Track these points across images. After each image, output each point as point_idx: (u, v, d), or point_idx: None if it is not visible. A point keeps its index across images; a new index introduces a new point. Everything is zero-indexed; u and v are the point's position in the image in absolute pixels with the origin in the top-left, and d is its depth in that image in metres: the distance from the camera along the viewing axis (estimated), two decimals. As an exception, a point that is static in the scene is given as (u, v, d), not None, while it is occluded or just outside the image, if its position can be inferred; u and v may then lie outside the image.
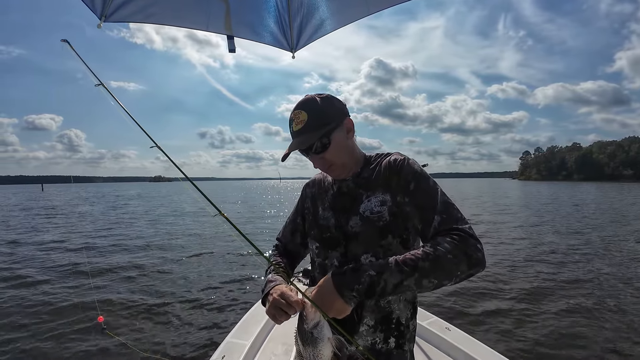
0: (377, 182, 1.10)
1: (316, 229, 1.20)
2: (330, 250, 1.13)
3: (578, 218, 15.17)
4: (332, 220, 1.15)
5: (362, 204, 1.09)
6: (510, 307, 4.82)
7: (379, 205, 1.06)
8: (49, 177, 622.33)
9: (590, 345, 3.77)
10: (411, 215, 1.03)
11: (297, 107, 1.10)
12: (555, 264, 7.24)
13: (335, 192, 1.18)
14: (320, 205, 1.22)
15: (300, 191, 1.36)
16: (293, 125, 1.09)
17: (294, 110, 1.10)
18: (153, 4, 1.86)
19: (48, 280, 6.29)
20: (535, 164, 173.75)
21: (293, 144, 1.09)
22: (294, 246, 1.32)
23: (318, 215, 1.21)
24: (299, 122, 1.07)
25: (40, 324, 4.39)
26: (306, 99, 1.11)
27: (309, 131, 1.06)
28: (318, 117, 1.07)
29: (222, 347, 2.01)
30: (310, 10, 2.04)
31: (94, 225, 14.31)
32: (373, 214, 1.05)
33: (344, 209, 1.13)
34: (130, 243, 10.23)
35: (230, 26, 2.07)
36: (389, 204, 1.05)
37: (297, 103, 1.11)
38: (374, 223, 1.05)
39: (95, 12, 1.73)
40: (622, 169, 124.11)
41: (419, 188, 1.02)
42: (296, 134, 1.08)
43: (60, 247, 9.66)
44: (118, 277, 6.56)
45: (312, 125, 1.06)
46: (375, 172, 1.12)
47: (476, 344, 2.08)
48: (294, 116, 1.09)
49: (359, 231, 1.07)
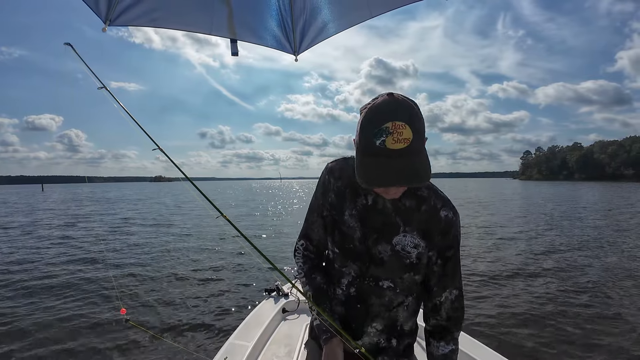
0: (418, 224, 1.04)
1: (338, 233, 1.11)
2: (350, 261, 1.10)
3: (582, 219, 15.16)
4: (358, 234, 1.07)
5: (397, 236, 1.04)
6: (511, 307, 4.82)
7: (411, 247, 1.04)
8: (50, 177, 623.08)
9: (592, 346, 3.76)
10: (434, 270, 1.07)
11: (400, 117, 0.81)
12: (558, 265, 7.23)
13: (369, 206, 1.06)
14: (347, 208, 1.09)
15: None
16: (389, 140, 0.80)
17: (394, 120, 0.81)
18: (157, 8, 1.88)
19: (67, 276, 6.32)
20: (536, 164, 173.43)
21: (401, 174, 0.82)
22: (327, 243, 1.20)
23: (343, 219, 1.09)
24: (402, 139, 0.80)
25: (64, 319, 4.51)
26: (407, 107, 0.83)
27: (414, 156, 0.83)
28: (421, 139, 0.85)
29: (225, 349, 2.01)
30: (313, 13, 2.05)
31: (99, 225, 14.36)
32: (404, 251, 1.04)
33: (375, 230, 1.05)
34: (131, 243, 10.26)
35: (234, 29, 2.08)
36: (421, 249, 1.04)
37: (395, 108, 0.82)
38: (401, 259, 1.04)
39: (100, 16, 1.75)
40: (624, 168, 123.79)
41: (454, 257, 1.06)
42: (396, 154, 0.81)
43: (76, 245, 9.69)
44: (118, 277, 6.59)
45: (416, 149, 0.83)
46: (421, 210, 1.04)
47: (476, 344, 2.08)
48: (394, 128, 0.80)
49: (386, 260, 1.05)
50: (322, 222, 1.16)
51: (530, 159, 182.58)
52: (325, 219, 1.15)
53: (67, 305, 5.04)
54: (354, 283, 1.10)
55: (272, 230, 12.95)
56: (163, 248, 9.47)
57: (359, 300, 1.11)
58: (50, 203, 30.43)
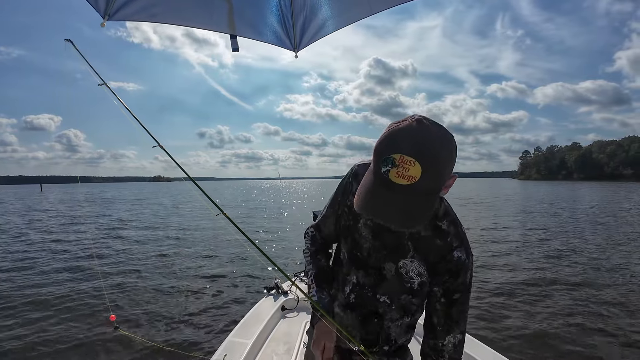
0: (427, 255, 1.00)
1: (350, 238, 1.11)
2: (355, 268, 1.11)
3: (582, 217, 15.18)
4: (367, 245, 1.07)
5: (404, 259, 1.02)
6: (511, 307, 4.83)
7: (415, 274, 1.02)
8: (49, 177, 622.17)
9: (594, 346, 3.76)
10: (436, 308, 1.02)
11: (410, 151, 0.72)
12: (558, 263, 7.25)
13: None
14: (363, 217, 1.07)
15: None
16: (393, 172, 0.74)
17: (403, 153, 0.73)
18: (156, 3, 1.86)
19: (58, 279, 6.30)
20: (535, 164, 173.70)
21: (391, 214, 0.77)
22: (337, 238, 1.22)
23: (357, 226, 1.08)
24: (406, 176, 0.73)
25: (53, 322, 4.43)
26: (426, 142, 0.74)
27: (414, 197, 0.76)
28: (433, 182, 0.76)
29: (224, 346, 2.01)
30: (313, 9, 2.04)
31: (96, 226, 14.33)
32: (407, 276, 1.03)
33: (384, 246, 1.04)
34: (132, 242, 10.24)
35: (234, 25, 2.07)
36: (424, 279, 1.02)
37: (409, 140, 0.74)
38: (403, 283, 1.04)
39: (98, 11, 1.73)
40: (622, 168, 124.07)
41: (460, 301, 0.99)
42: (395, 188, 0.75)
43: (68, 247, 9.66)
44: (119, 274, 6.57)
45: (421, 188, 0.75)
46: (433, 243, 0.99)
47: (476, 344, 2.08)
48: (400, 161, 0.73)
49: (388, 278, 1.06)
50: (335, 219, 1.16)
51: (529, 158, 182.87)
52: (339, 217, 1.14)
53: (56, 311, 4.89)
54: (354, 290, 1.12)
55: (272, 229, 12.93)
56: (162, 248, 9.45)
57: (355, 308, 1.13)
58: (45, 204, 30.34)
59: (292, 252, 8.78)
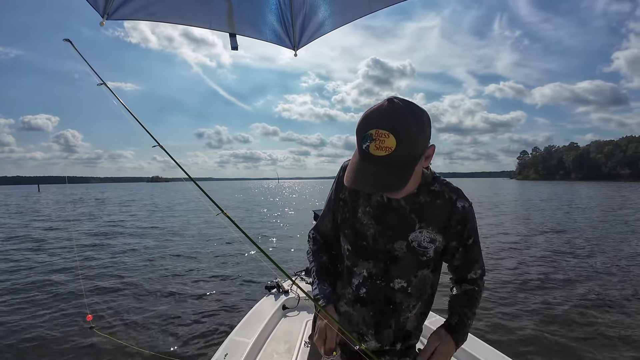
0: (434, 218, 1.04)
1: (351, 230, 1.12)
2: (362, 259, 1.11)
3: (581, 216, 15.23)
4: (371, 231, 1.08)
5: (413, 232, 1.04)
6: (513, 306, 4.83)
7: (428, 242, 1.04)
8: (47, 177, 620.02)
9: (595, 347, 3.75)
10: (456, 257, 1.11)
11: (384, 125, 0.82)
12: (560, 262, 7.27)
13: (385, 204, 1.06)
14: (360, 205, 1.09)
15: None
16: (372, 146, 0.83)
17: (378, 128, 0.82)
18: (155, 1, 1.86)
19: (36, 279, 6.27)
20: (533, 164, 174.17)
21: (369, 180, 0.86)
22: (336, 237, 1.23)
23: (357, 216, 1.10)
24: (382, 147, 0.82)
25: (27, 322, 4.38)
26: (398, 115, 0.83)
27: (391, 166, 0.84)
28: (408, 148, 0.84)
29: (225, 345, 2.00)
30: (313, 7, 2.04)
31: (90, 224, 14.29)
32: (420, 247, 1.05)
33: (390, 227, 1.06)
34: (132, 241, 10.22)
35: (233, 24, 2.07)
36: (438, 244, 1.06)
37: (383, 115, 0.83)
38: (417, 256, 1.06)
39: (97, 10, 1.72)
40: (620, 168, 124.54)
41: (475, 243, 1.09)
42: (374, 160, 0.84)
43: (49, 246, 9.63)
44: (119, 274, 6.55)
45: (398, 158, 0.83)
46: (435, 205, 1.04)
47: (479, 343, 2.08)
48: (376, 135, 0.82)
49: (401, 257, 1.06)
50: (332, 217, 1.20)
51: (527, 158, 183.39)
52: (335, 214, 1.17)
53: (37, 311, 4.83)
54: (365, 284, 1.10)
55: (272, 229, 12.92)
56: (163, 248, 9.43)
57: (367, 302, 1.11)
58: (39, 204, 30.23)
59: (292, 251, 8.78)
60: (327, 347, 1.03)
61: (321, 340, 1.05)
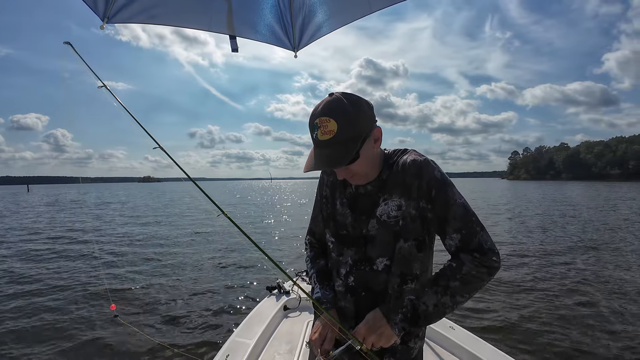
0: (395, 185, 1.06)
1: (332, 223, 1.18)
2: (346, 248, 1.14)
3: (579, 216, 15.42)
4: (349, 219, 1.13)
5: (379, 207, 1.07)
6: (514, 306, 4.85)
7: (395, 210, 1.05)
8: (37, 177, 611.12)
9: (597, 347, 3.76)
10: (433, 222, 1.05)
11: (324, 113, 0.95)
12: (561, 261, 7.35)
13: (354, 192, 1.14)
14: (338, 198, 1.18)
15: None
16: (318, 133, 0.96)
17: (320, 116, 0.96)
18: (156, 5, 1.86)
19: (59, 270, 6.21)
20: (524, 164, 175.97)
21: (321, 161, 0.96)
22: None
23: (336, 209, 1.17)
24: (326, 132, 0.95)
25: (54, 312, 4.61)
26: (334, 103, 0.96)
27: (337, 145, 0.95)
28: (349, 128, 0.95)
29: (227, 346, 2.01)
30: (312, 9, 2.04)
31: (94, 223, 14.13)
32: (390, 218, 1.05)
33: (362, 212, 1.11)
34: (135, 241, 10.17)
35: (233, 26, 2.07)
36: (404, 208, 1.04)
37: (323, 106, 0.97)
38: (390, 227, 1.05)
39: (97, 14, 1.72)
40: (610, 168, 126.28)
41: (439, 197, 1.01)
42: (322, 144, 0.96)
43: (71, 238, 9.51)
44: (120, 273, 6.52)
45: (342, 138, 0.94)
46: (394, 173, 1.07)
47: (480, 342, 2.11)
48: (320, 123, 0.95)
49: (375, 234, 1.07)
50: (320, 216, 1.27)
51: (518, 159, 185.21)
52: (322, 211, 1.25)
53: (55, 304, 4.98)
54: (351, 272, 1.12)
55: (272, 229, 12.90)
56: (162, 247, 9.36)
57: (357, 291, 1.11)
58: (24, 205, 29.80)
59: (292, 251, 8.77)
60: (324, 348, 1.05)
61: (319, 341, 1.06)
